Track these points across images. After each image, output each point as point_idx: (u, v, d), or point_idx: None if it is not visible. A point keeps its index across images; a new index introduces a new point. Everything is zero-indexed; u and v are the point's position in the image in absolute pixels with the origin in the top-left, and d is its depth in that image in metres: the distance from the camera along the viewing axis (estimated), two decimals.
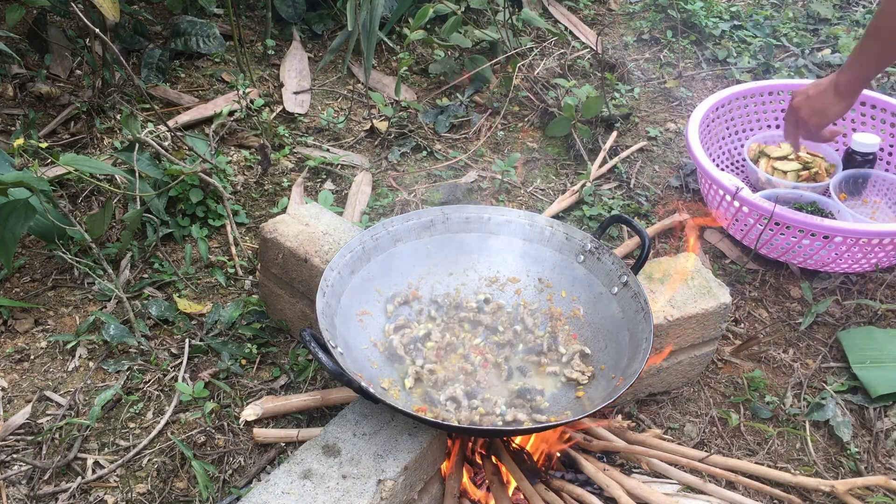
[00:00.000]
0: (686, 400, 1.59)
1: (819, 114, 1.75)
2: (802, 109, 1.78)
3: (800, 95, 1.79)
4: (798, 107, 1.79)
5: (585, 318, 1.41)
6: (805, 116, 1.78)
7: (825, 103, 1.73)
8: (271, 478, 1.13)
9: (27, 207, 1.56)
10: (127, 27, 2.34)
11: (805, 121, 1.78)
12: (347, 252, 1.37)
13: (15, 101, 2.15)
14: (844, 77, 1.70)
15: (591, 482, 1.36)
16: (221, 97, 2.31)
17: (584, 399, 1.29)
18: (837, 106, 1.73)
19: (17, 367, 1.58)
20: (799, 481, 1.36)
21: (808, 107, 1.77)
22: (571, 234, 1.46)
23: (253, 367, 1.61)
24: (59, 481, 1.39)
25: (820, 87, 1.75)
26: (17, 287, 1.74)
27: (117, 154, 1.88)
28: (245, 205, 2.01)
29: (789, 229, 1.76)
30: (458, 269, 1.49)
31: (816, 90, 1.76)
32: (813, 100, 1.76)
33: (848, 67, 1.68)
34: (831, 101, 1.73)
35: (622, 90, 2.54)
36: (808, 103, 1.77)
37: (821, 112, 1.75)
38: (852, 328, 1.73)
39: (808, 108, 1.77)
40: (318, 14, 2.65)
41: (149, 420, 1.50)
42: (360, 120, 2.36)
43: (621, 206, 2.07)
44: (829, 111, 1.74)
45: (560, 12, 2.89)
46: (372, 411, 1.23)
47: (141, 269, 1.81)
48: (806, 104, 1.77)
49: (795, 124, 1.82)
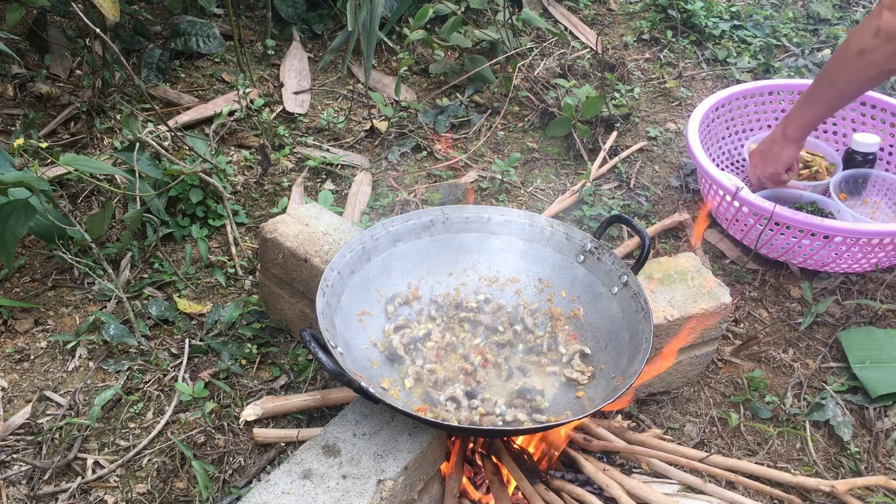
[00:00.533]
0: (686, 400, 1.59)
1: (774, 163, 1.88)
2: (758, 166, 1.93)
3: (755, 154, 1.94)
4: (755, 164, 1.94)
5: (585, 318, 1.41)
6: (761, 170, 1.92)
7: (776, 152, 1.86)
8: (271, 478, 1.13)
9: (27, 207, 1.56)
10: (127, 27, 2.34)
11: (763, 173, 1.93)
12: (347, 252, 1.37)
13: (15, 101, 2.15)
14: (794, 122, 1.80)
15: (591, 482, 1.36)
16: (221, 97, 2.31)
17: (584, 399, 1.29)
18: (788, 151, 1.85)
19: (17, 367, 1.58)
20: (799, 481, 1.36)
21: (762, 161, 1.91)
22: (571, 234, 1.46)
23: (253, 367, 1.61)
24: (59, 481, 1.39)
25: (769, 140, 1.89)
26: (17, 287, 1.74)
27: (117, 154, 1.88)
28: (245, 205, 2.01)
29: (789, 229, 1.75)
30: (458, 269, 1.49)
31: (766, 144, 1.90)
32: (765, 154, 1.90)
33: (797, 113, 1.79)
34: (781, 147, 1.85)
35: (622, 90, 2.54)
36: (762, 158, 1.91)
37: (775, 161, 1.87)
38: (852, 328, 1.73)
39: (762, 162, 1.91)
40: (318, 14, 2.65)
41: (149, 420, 1.50)
42: (360, 120, 2.36)
43: (621, 206, 2.07)
44: (782, 158, 1.86)
45: (560, 12, 2.89)
46: (372, 411, 1.23)
47: (141, 269, 1.81)
48: (761, 159, 1.92)
49: (757, 178, 1.98)
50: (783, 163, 1.87)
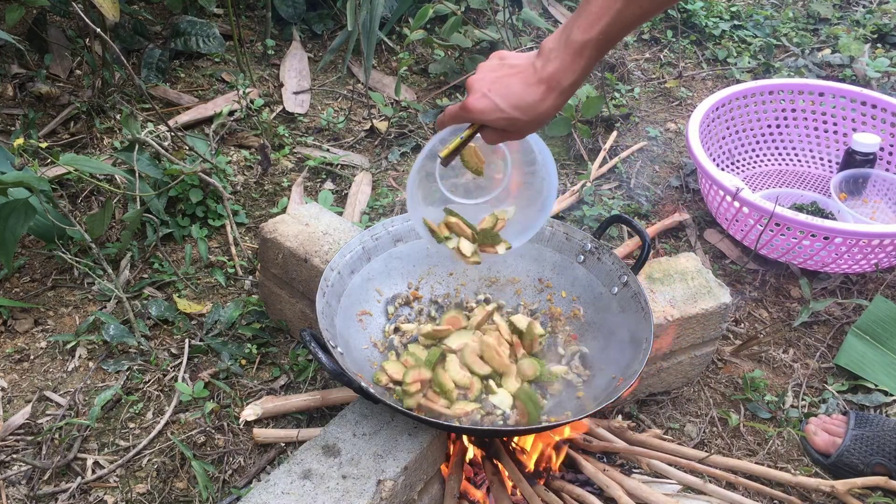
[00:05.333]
0: (686, 400, 1.59)
1: (523, 110, 1.00)
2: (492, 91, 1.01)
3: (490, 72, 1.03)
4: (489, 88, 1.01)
5: (585, 318, 1.41)
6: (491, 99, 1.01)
7: (529, 95, 0.99)
8: (271, 478, 1.13)
9: (27, 207, 1.56)
10: (127, 27, 2.34)
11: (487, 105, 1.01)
12: (347, 252, 1.37)
13: (15, 101, 2.15)
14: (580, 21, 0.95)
15: (591, 482, 1.36)
16: (221, 97, 2.31)
17: (584, 399, 1.29)
18: (549, 101, 1.00)
19: (17, 367, 1.58)
20: (799, 481, 1.36)
21: (503, 98, 1.01)
22: (571, 234, 1.45)
23: (253, 367, 1.61)
24: (59, 481, 1.39)
25: (515, 67, 1.01)
26: (17, 287, 1.74)
27: (117, 154, 1.88)
28: (245, 205, 2.01)
29: (790, 230, 1.75)
30: (458, 269, 1.49)
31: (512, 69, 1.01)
32: (509, 86, 1.00)
33: (567, 29, 0.96)
34: (535, 89, 0.99)
35: (622, 90, 2.54)
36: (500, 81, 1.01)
37: (525, 109, 1.00)
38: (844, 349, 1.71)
39: (504, 102, 1.01)
40: (318, 14, 2.65)
41: (149, 420, 1.50)
42: (360, 120, 2.36)
43: (621, 206, 2.07)
44: (537, 107, 1.00)
45: (560, 12, 2.89)
46: (372, 411, 1.23)
47: (141, 269, 1.81)
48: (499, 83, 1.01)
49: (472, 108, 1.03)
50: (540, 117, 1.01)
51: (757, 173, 2.25)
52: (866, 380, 1.61)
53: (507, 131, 1.04)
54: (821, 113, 2.24)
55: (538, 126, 1.04)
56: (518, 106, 1.00)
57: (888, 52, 2.83)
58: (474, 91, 1.02)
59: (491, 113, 1.01)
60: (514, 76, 1.01)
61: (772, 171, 2.27)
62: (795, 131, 2.28)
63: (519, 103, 1.00)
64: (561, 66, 0.98)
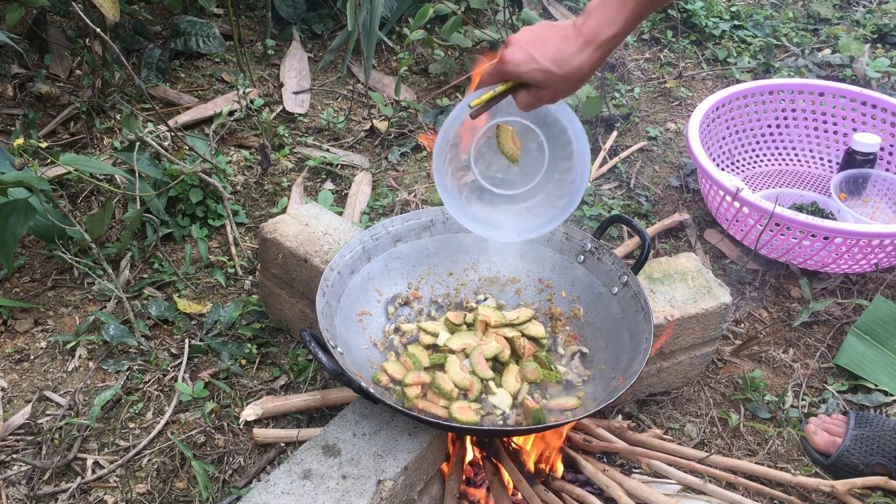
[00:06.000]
0: (686, 400, 1.59)
1: (558, 63, 1.01)
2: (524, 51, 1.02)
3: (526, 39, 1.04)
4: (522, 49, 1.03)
5: (585, 318, 1.41)
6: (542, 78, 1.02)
7: (566, 48, 1.01)
8: (271, 478, 1.13)
9: (27, 207, 1.56)
10: (127, 27, 2.34)
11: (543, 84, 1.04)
12: (347, 252, 1.37)
13: (15, 101, 2.15)
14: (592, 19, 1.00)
15: (591, 482, 1.36)
16: (221, 97, 2.31)
17: (584, 399, 1.29)
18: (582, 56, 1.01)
19: (17, 367, 1.58)
20: (799, 481, 1.36)
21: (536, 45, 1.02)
22: (571, 234, 1.45)
23: (253, 367, 1.61)
24: (59, 481, 1.39)
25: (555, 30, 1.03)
26: (17, 287, 1.74)
27: (117, 154, 1.88)
28: (245, 205, 2.01)
29: (790, 230, 1.75)
30: (458, 269, 1.49)
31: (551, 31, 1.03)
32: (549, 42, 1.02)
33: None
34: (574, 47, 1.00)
35: (622, 90, 2.54)
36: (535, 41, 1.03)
37: (561, 62, 1.01)
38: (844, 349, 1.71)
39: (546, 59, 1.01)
40: (318, 14, 2.65)
41: (149, 420, 1.50)
42: (360, 120, 2.36)
43: (621, 206, 2.07)
44: (572, 60, 1.01)
45: (560, 12, 2.89)
46: (372, 411, 1.23)
47: (141, 269, 1.81)
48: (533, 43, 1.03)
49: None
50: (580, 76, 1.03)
51: (757, 173, 2.25)
52: (866, 380, 1.61)
53: (542, 89, 1.04)
54: (821, 113, 2.24)
55: (573, 84, 1.03)
56: (554, 59, 1.01)
57: (888, 52, 2.83)
58: (512, 44, 1.03)
59: (526, 64, 1.02)
60: (553, 31, 1.02)
61: (772, 171, 2.27)
62: (795, 131, 2.28)
63: (555, 56, 1.00)
64: (602, 18, 0.99)
